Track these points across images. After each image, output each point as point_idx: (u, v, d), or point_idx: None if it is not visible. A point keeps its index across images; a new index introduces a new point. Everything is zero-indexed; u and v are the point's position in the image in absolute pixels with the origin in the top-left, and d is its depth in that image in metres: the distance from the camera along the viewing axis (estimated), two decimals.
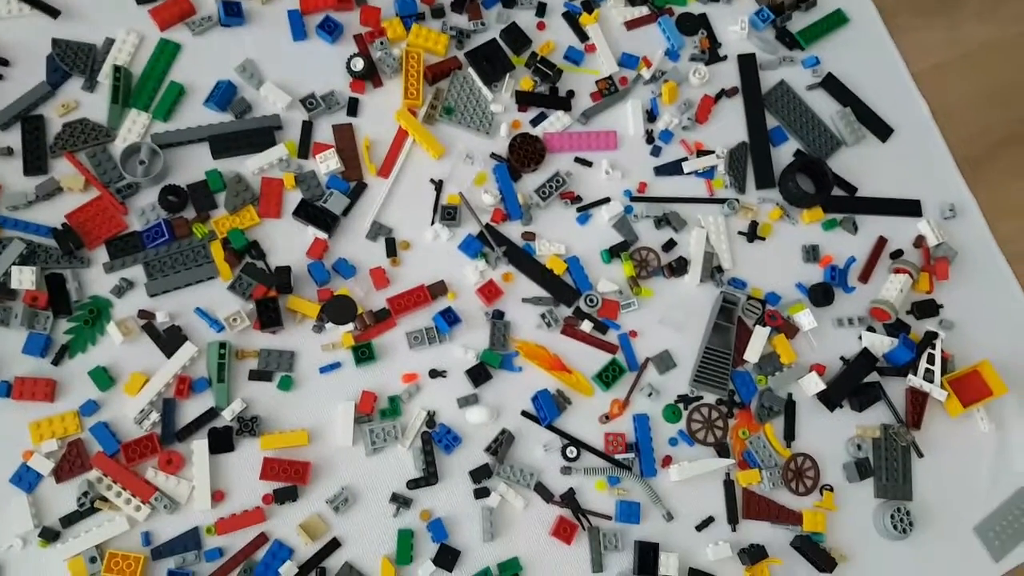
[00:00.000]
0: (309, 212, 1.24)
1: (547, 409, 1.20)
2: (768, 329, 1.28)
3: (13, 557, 1.04)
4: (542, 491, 1.19)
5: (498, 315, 1.25)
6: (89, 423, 1.10)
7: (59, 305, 1.14)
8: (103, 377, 1.11)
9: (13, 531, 1.05)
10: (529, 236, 1.30)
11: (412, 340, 1.23)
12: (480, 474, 1.19)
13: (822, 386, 1.27)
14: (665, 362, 1.28)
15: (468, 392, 1.23)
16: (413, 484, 1.17)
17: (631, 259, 1.31)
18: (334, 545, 1.13)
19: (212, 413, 1.14)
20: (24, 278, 1.11)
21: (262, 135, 1.27)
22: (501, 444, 1.20)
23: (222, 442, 1.12)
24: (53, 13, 1.25)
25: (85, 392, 1.11)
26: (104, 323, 1.14)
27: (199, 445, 1.11)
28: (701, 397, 1.28)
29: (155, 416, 1.11)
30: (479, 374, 1.23)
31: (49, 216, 1.17)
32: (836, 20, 1.51)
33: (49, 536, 1.05)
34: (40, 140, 1.20)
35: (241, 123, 1.26)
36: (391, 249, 1.27)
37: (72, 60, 1.23)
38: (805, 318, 1.30)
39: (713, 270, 1.33)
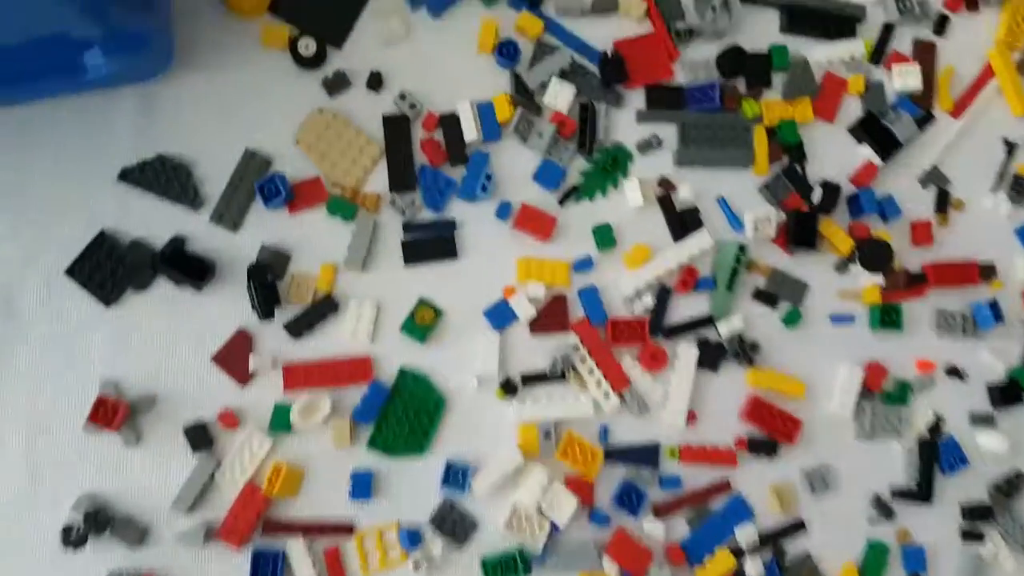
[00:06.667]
0: (870, 129, 0.99)
1: None
2: None
3: (463, 395, 0.88)
4: None
5: None
6: (579, 281, 0.93)
7: (582, 139, 0.95)
8: (607, 235, 0.93)
9: (473, 367, 0.88)
10: None
11: (941, 321, 0.97)
12: (977, 513, 0.93)
13: None
14: None
15: (985, 410, 0.95)
16: (899, 494, 0.92)
17: None
18: (798, 525, 0.90)
19: (707, 320, 0.92)
20: (562, 96, 0.94)
21: (842, 23, 1.03)
22: (1014, 488, 0.92)
23: (709, 357, 0.91)
24: None
25: (582, 244, 0.94)
26: (621, 175, 0.94)
27: (687, 352, 0.91)
28: None
29: (648, 300, 0.92)
30: (1005, 394, 0.96)
31: (596, 35, 0.99)
32: None
33: (509, 389, 0.88)
34: None
35: (823, 1, 1.02)
36: (941, 203, 1.01)
37: None
38: None
39: None
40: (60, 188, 0.88)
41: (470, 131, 0.93)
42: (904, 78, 1.03)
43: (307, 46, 0.90)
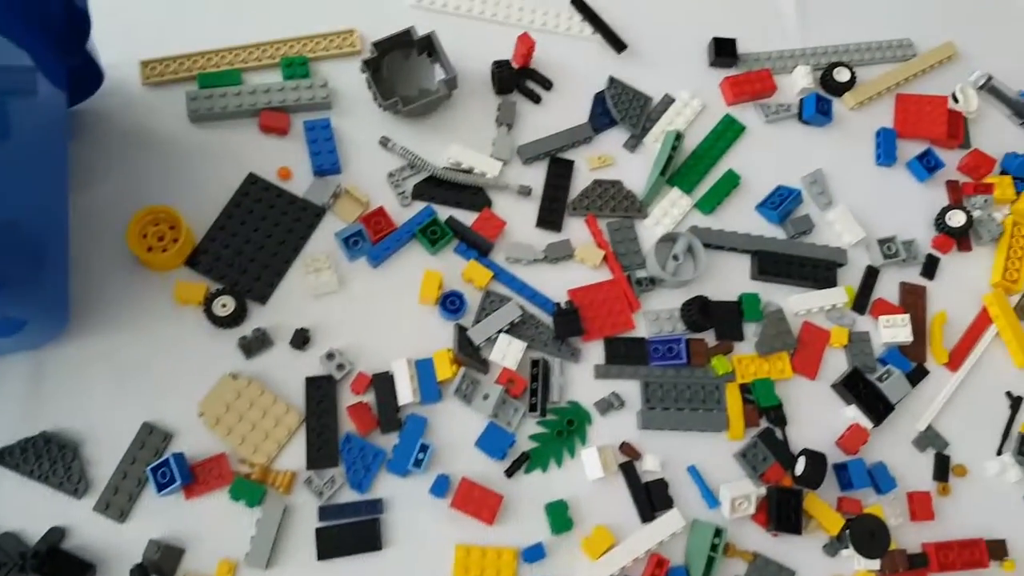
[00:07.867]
0: (856, 387, 0.89)
1: None
2: None
3: None
4: None
5: None
6: (528, 575, 0.78)
7: (534, 399, 0.84)
8: (562, 516, 0.81)
9: None
10: None
11: None
12: None
13: None
14: None
15: None
16: None
17: None
18: None
19: None
20: (510, 353, 0.84)
21: (820, 269, 0.94)
22: None
23: None
24: (619, 47, 1.00)
25: (532, 527, 0.81)
26: (578, 440, 0.83)
27: None
28: None
29: None
30: None
31: (549, 284, 0.89)
32: None
33: None
34: (563, 191, 0.94)
35: (797, 245, 0.95)
36: (941, 470, 0.89)
37: (625, 108, 0.97)
38: None
39: None
40: None
41: (405, 393, 0.83)
42: (893, 331, 0.94)
43: (224, 304, 0.80)
